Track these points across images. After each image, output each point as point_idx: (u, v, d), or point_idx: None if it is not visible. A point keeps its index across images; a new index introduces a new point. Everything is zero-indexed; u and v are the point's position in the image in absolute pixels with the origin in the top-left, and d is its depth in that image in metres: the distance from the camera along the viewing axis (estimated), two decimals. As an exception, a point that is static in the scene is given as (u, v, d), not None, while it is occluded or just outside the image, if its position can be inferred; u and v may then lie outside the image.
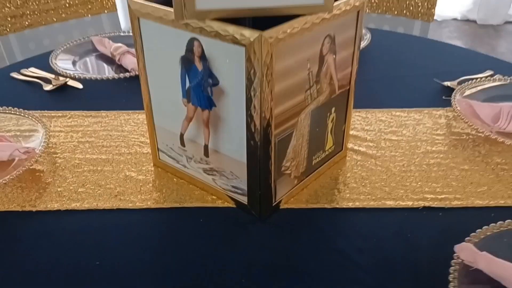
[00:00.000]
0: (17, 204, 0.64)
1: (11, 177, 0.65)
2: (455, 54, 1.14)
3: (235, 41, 0.51)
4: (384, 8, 1.63)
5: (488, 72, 0.99)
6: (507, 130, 0.77)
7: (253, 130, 0.55)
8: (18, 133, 0.78)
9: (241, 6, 0.51)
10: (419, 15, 1.58)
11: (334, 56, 0.61)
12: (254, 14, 0.52)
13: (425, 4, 1.56)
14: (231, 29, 0.50)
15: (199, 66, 0.56)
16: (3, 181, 0.64)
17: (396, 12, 1.62)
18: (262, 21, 0.52)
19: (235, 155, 0.60)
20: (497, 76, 0.97)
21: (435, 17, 3.64)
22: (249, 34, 0.49)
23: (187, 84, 0.59)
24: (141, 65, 0.64)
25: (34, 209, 0.63)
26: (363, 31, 1.19)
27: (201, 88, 0.58)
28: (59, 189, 0.67)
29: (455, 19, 3.52)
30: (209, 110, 0.59)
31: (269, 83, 0.52)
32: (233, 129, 0.58)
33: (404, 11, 1.60)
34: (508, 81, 0.93)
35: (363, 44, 1.13)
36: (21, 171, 0.67)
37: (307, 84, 0.58)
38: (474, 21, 3.45)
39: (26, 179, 0.69)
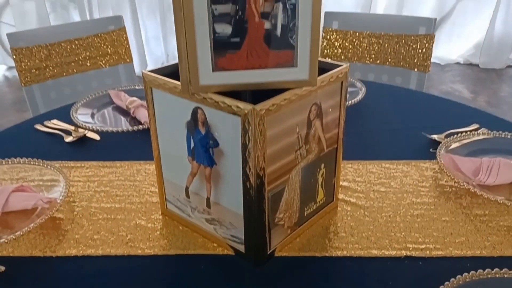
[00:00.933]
0: (39, 250, 0.72)
1: (34, 225, 0.73)
2: (444, 107, 1.21)
3: (232, 112, 0.59)
4: (382, 60, 1.74)
5: (474, 126, 1.07)
6: (487, 183, 0.84)
7: (248, 186, 0.63)
8: (41, 183, 0.87)
9: (236, 82, 0.60)
10: (415, 66, 1.67)
11: (321, 120, 0.69)
12: (248, 88, 0.61)
13: (421, 56, 1.66)
14: (229, 102, 0.59)
15: (202, 130, 0.65)
16: (27, 229, 0.72)
17: (393, 63, 1.72)
18: (258, 90, 0.61)
19: (233, 207, 0.67)
20: (481, 130, 1.04)
21: (438, 61, 3.74)
22: (243, 106, 0.58)
23: (192, 145, 0.68)
24: (152, 127, 0.72)
25: (54, 255, 0.71)
26: (359, 84, 1.29)
27: (203, 148, 0.66)
28: (76, 236, 0.75)
29: (458, 63, 3.63)
30: (211, 168, 0.67)
31: (261, 147, 0.60)
32: (231, 184, 0.65)
33: (401, 63, 1.70)
34: (491, 135, 1.00)
35: (358, 97, 1.21)
36: (43, 219, 0.74)
37: (296, 145, 0.66)
38: (477, 65, 3.55)
39: (47, 227, 0.76)
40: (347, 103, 1.18)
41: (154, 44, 3.77)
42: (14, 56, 1.55)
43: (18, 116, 2.91)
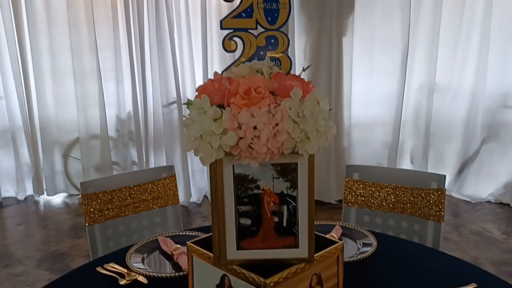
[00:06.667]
0: None
1: None
2: (447, 262, 1.36)
3: (249, 281, 0.80)
4: (400, 209, 1.92)
5: (473, 285, 1.20)
6: None
7: None
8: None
9: (254, 258, 0.82)
10: (430, 216, 1.84)
11: (321, 286, 0.88)
12: (262, 262, 0.83)
13: (434, 208, 1.83)
14: (247, 274, 0.80)
15: (227, 292, 0.85)
16: None
17: (410, 213, 1.89)
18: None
19: None
20: (477, 290, 1.17)
21: (468, 199, 3.85)
22: (258, 279, 0.79)
23: (220, 302, 0.88)
24: (190, 285, 0.93)
25: None
26: (371, 239, 1.47)
27: (228, 306, 0.86)
28: None
29: (489, 202, 3.71)
30: (233, 321, 0.85)
31: (271, 310, 0.79)
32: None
33: (417, 212, 1.88)
34: (485, 295, 1.13)
35: (369, 251, 1.39)
36: None
37: (300, 307, 0.84)
38: (508, 205, 3.62)
39: None
40: (360, 256, 1.36)
41: (198, 176, 4.15)
42: (83, 201, 1.86)
43: (73, 242, 3.21)
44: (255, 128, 0.74)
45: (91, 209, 1.88)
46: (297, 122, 0.75)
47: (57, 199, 4.08)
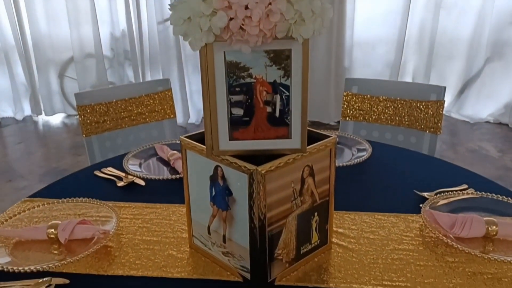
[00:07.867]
0: (94, 269, 0.94)
1: (92, 250, 0.95)
2: (441, 167, 1.37)
3: (242, 170, 0.80)
4: (397, 122, 1.92)
5: (463, 186, 1.22)
6: (461, 235, 0.99)
7: (252, 226, 0.83)
8: (97, 218, 1.10)
9: (246, 149, 0.82)
10: (427, 128, 1.84)
11: (313, 178, 0.89)
12: (255, 153, 0.83)
13: (432, 120, 1.83)
14: (240, 163, 0.81)
15: (220, 182, 0.86)
16: (87, 253, 0.95)
17: (407, 125, 1.89)
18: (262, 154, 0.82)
19: (242, 243, 0.87)
20: (469, 190, 1.19)
21: (467, 119, 3.85)
22: (249, 167, 0.79)
23: (213, 193, 0.89)
24: (185, 178, 0.95)
25: (105, 274, 0.92)
26: (366, 145, 1.47)
27: (221, 196, 0.87)
28: (122, 261, 0.96)
29: (487, 122, 3.72)
30: (226, 211, 0.87)
31: (262, 197, 0.80)
32: (241, 225, 0.85)
33: (415, 125, 1.87)
34: (476, 194, 1.15)
35: (364, 156, 1.40)
36: (99, 246, 0.97)
37: (292, 197, 0.86)
38: (506, 125, 3.62)
39: (101, 252, 0.98)
40: (355, 161, 1.37)
41: (197, 97, 4.12)
42: (79, 112, 1.85)
43: (74, 159, 3.26)
44: (246, 8, 0.70)
45: (87, 121, 1.88)
46: (291, 1, 0.70)
47: (56, 119, 4.08)
